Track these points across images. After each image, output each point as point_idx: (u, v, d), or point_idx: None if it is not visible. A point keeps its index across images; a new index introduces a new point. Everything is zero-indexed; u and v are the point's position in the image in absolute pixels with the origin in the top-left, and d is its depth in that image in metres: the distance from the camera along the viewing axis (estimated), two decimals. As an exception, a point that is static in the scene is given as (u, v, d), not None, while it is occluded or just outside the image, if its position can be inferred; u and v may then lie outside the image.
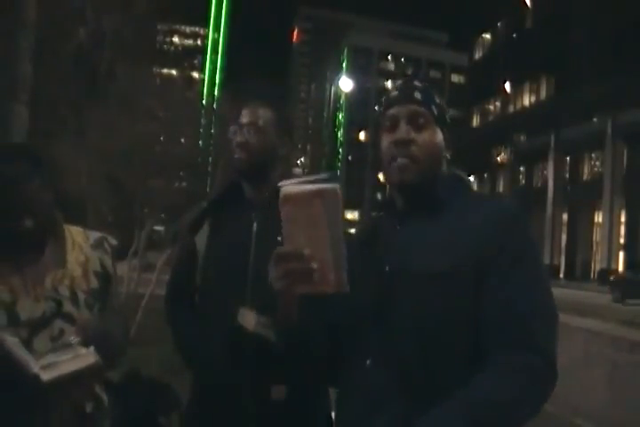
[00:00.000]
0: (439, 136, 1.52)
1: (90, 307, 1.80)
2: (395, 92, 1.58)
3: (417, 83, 1.57)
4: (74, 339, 1.65)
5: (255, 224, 1.98)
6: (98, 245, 1.91)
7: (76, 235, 1.89)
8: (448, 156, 1.57)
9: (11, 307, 1.69)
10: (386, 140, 1.53)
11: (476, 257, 1.37)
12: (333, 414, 1.61)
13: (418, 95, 1.52)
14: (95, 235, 1.94)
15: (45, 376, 1.53)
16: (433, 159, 1.51)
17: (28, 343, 1.66)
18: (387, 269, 1.46)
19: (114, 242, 1.97)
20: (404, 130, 1.50)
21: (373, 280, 1.48)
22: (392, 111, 1.53)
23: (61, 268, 1.80)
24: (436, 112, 1.52)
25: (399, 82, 1.66)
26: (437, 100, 1.54)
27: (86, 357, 1.61)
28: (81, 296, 1.79)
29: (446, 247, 1.40)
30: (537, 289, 1.38)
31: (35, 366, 1.53)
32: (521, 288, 1.36)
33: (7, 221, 1.70)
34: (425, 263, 1.40)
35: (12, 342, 1.58)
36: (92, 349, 1.63)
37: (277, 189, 2.03)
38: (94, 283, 1.84)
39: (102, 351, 1.65)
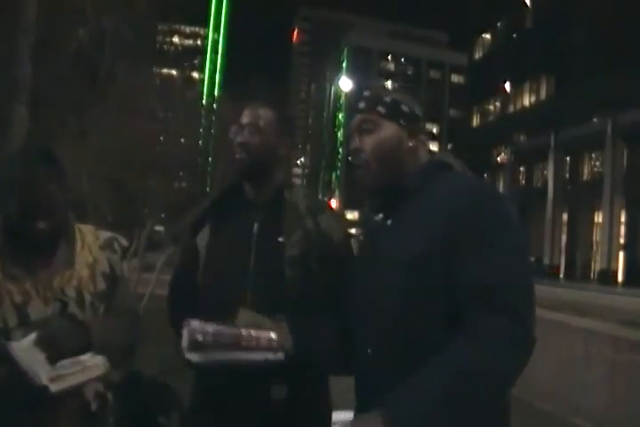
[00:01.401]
0: (390, 132, 1.58)
1: (95, 308, 1.80)
2: None
3: (365, 93, 1.66)
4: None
5: (256, 224, 1.98)
6: (107, 245, 1.90)
7: (86, 235, 1.88)
8: (412, 144, 1.59)
9: (22, 308, 1.70)
10: None
11: (446, 239, 1.42)
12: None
13: (361, 104, 1.62)
14: (105, 235, 1.93)
15: (54, 388, 1.55)
16: (387, 157, 1.57)
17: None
18: (373, 260, 1.56)
19: (124, 243, 1.96)
20: (353, 141, 1.61)
21: (364, 273, 1.58)
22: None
23: (70, 269, 1.79)
24: (383, 111, 1.58)
25: None
26: (386, 99, 1.59)
27: (94, 368, 1.63)
28: (87, 298, 1.79)
29: (418, 233, 1.46)
30: (510, 260, 1.41)
31: (44, 377, 1.54)
32: (493, 261, 1.39)
33: (22, 222, 1.70)
34: (399, 251, 1.47)
35: (23, 347, 1.58)
36: (99, 359, 1.64)
37: (278, 189, 2.05)
38: (101, 284, 1.84)
39: (102, 351, 1.66)
